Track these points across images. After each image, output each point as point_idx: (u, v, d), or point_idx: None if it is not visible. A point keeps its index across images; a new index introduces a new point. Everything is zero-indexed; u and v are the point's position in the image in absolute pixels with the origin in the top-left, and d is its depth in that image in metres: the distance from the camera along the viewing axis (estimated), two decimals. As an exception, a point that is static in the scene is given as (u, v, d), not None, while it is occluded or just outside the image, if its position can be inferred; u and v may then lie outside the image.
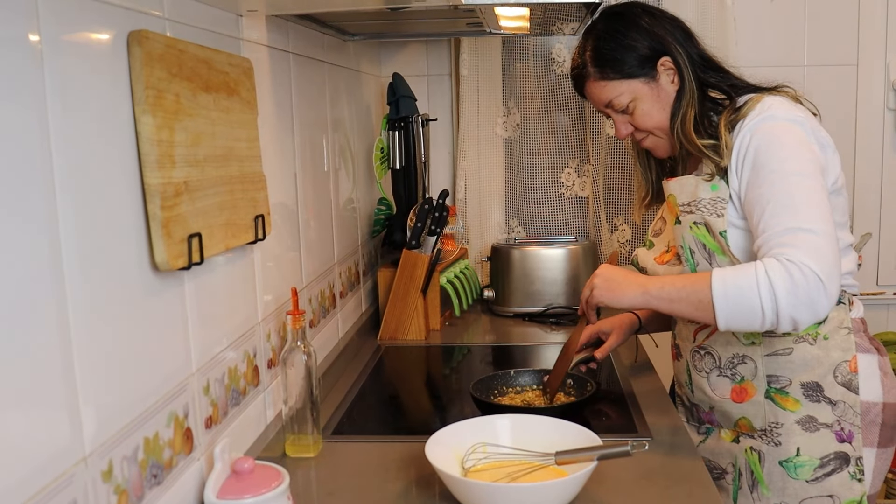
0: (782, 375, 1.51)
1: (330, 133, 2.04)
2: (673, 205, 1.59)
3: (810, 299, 1.33)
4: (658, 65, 1.56)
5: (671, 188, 1.60)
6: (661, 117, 1.58)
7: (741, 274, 1.38)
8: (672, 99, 1.57)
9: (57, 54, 0.89)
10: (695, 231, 1.53)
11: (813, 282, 1.33)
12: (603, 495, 1.26)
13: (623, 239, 2.81)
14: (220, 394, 1.31)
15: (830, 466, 1.49)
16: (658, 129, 1.59)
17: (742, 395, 1.55)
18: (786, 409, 1.51)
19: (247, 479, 1.15)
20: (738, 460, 1.58)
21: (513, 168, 2.82)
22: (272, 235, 1.51)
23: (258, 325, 1.50)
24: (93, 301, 0.95)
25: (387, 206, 2.48)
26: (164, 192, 1.07)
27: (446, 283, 2.36)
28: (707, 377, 1.60)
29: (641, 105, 1.57)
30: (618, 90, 1.57)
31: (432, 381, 2.07)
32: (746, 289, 1.36)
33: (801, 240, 1.36)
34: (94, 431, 0.94)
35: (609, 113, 1.63)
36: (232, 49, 1.40)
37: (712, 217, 1.50)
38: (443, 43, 2.76)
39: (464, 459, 1.31)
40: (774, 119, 1.47)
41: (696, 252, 1.53)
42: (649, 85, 1.57)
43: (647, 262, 1.70)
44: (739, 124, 1.49)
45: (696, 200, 1.53)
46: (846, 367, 1.50)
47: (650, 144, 1.64)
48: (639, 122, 1.59)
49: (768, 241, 1.39)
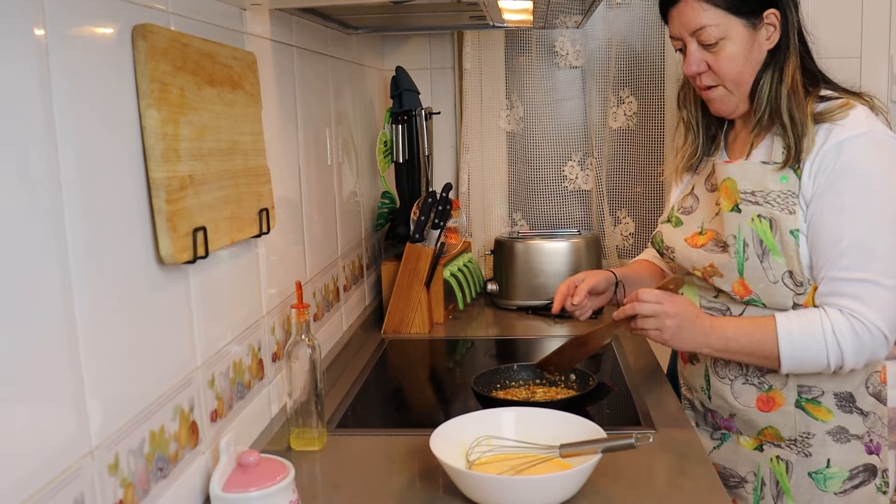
0: (815, 386, 1.47)
1: (333, 127, 2.04)
2: (732, 190, 1.47)
3: (874, 354, 1.38)
4: (763, 15, 1.44)
5: (731, 172, 1.47)
6: (745, 69, 1.46)
7: (808, 332, 1.37)
8: (762, 57, 1.46)
9: (62, 48, 0.89)
10: (756, 224, 1.43)
11: (879, 340, 1.35)
12: (607, 488, 1.26)
13: (626, 232, 2.80)
14: (225, 387, 1.32)
15: (859, 479, 1.47)
16: (734, 80, 1.47)
17: (769, 405, 1.50)
18: (818, 420, 1.47)
19: (252, 473, 1.15)
20: (762, 469, 1.53)
21: (516, 161, 2.82)
22: (276, 229, 1.52)
23: (263, 319, 1.50)
24: (98, 295, 0.95)
25: (390, 200, 2.47)
26: (169, 185, 1.07)
27: (450, 276, 2.36)
28: (730, 385, 1.54)
29: (731, 47, 1.44)
30: (716, 19, 1.43)
31: (436, 375, 2.08)
32: (813, 346, 1.38)
33: (873, 296, 1.34)
34: (100, 425, 0.95)
35: (687, 42, 1.48)
36: (236, 43, 1.40)
37: (783, 213, 1.41)
38: (446, 36, 2.76)
39: (468, 452, 1.31)
40: (871, 139, 1.37)
41: (751, 246, 1.44)
42: (748, 30, 1.44)
43: (676, 243, 1.59)
44: (828, 127, 1.39)
45: (765, 192, 1.43)
46: (877, 377, 1.48)
47: (716, 96, 1.50)
48: (719, 65, 1.46)
49: (837, 285, 1.37)
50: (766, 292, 1.44)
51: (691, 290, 1.59)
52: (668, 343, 1.48)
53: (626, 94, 2.74)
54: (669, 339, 1.47)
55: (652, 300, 1.46)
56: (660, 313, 1.45)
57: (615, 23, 2.68)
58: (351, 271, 2.19)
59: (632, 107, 2.74)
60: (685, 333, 1.45)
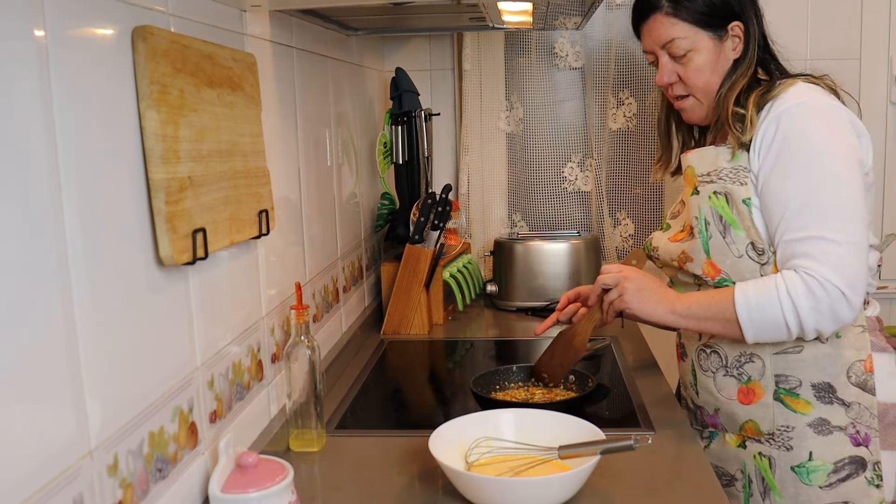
0: (792, 375, 1.47)
1: (333, 128, 2.04)
2: (691, 176, 1.54)
3: (833, 312, 1.36)
4: (728, 27, 1.51)
5: (690, 160, 1.55)
6: (712, 79, 1.53)
7: (763, 291, 1.39)
8: (727, 66, 1.53)
9: (62, 49, 0.89)
10: (713, 201, 1.48)
11: (835, 296, 1.34)
12: (606, 489, 1.26)
13: (626, 234, 2.81)
14: (224, 388, 1.32)
15: (845, 471, 1.46)
16: (702, 90, 1.54)
17: (749, 397, 1.51)
18: (797, 412, 1.47)
19: (251, 474, 1.15)
20: (747, 466, 1.54)
21: (516, 162, 2.82)
22: (276, 230, 1.52)
23: (262, 320, 1.50)
24: (98, 296, 0.95)
25: (390, 201, 2.48)
26: (169, 187, 1.07)
27: (449, 277, 2.36)
28: (713, 377, 1.56)
29: (698, 58, 1.51)
30: (684, 32, 1.51)
31: (435, 376, 2.08)
32: (769, 307, 1.38)
33: (824, 252, 1.35)
34: (99, 426, 0.95)
35: (658, 55, 1.55)
36: (236, 44, 1.40)
37: (735, 185, 1.46)
38: (445, 38, 2.76)
39: (467, 454, 1.31)
40: (809, 106, 1.42)
41: (712, 224, 1.48)
42: (714, 42, 1.51)
43: (661, 242, 1.65)
44: (769, 105, 1.45)
45: (717, 170, 1.49)
46: (860, 366, 1.46)
47: (687, 106, 1.58)
48: (688, 76, 1.53)
49: (791, 247, 1.38)
50: (733, 268, 1.47)
51: (678, 290, 1.60)
52: (632, 308, 1.51)
53: (625, 95, 2.74)
54: (631, 302, 1.51)
55: (613, 270, 1.57)
56: (619, 279, 1.54)
57: (615, 24, 2.69)
58: (350, 272, 2.19)
59: (631, 108, 2.74)
60: (647, 296, 1.51)
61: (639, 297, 1.51)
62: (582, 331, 1.67)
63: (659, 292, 1.51)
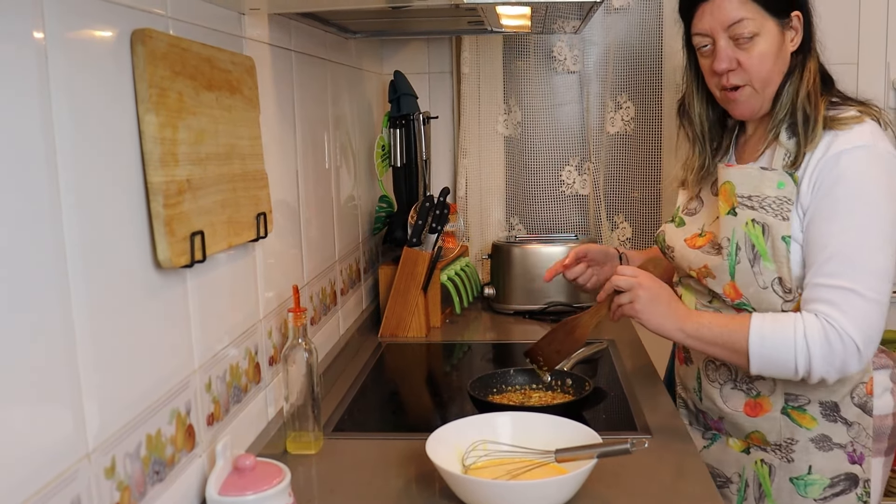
0: (802, 395, 1.48)
1: (331, 131, 2.04)
2: (730, 194, 1.47)
3: (843, 364, 1.35)
4: (790, 16, 1.45)
5: (731, 175, 1.48)
6: (773, 69, 1.45)
7: (780, 330, 1.36)
8: (787, 58, 1.46)
9: (61, 52, 0.89)
10: (749, 229, 1.44)
11: (851, 349, 1.33)
12: (603, 493, 1.26)
13: (623, 237, 2.81)
14: (221, 391, 1.32)
15: (840, 487, 1.48)
16: (763, 80, 1.45)
17: (757, 410, 1.51)
18: (802, 427, 1.48)
19: (248, 476, 1.15)
20: (746, 471, 1.54)
21: (514, 166, 2.82)
22: (274, 233, 1.52)
23: (260, 323, 1.50)
24: (96, 299, 0.95)
25: (388, 204, 2.48)
26: (167, 190, 1.08)
27: (447, 280, 2.36)
28: (720, 389, 1.56)
29: (763, 44, 1.43)
30: (753, 14, 1.41)
31: (433, 379, 2.08)
32: (783, 349, 1.36)
33: (851, 305, 1.33)
34: (97, 428, 0.95)
35: (717, 38, 1.44)
36: (234, 47, 1.40)
37: (776, 219, 1.41)
38: (444, 41, 2.77)
39: (464, 457, 1.32)
40: (872, 153, 1.37)
41: (743, 250, 1.44)
42: (779, 29, 1.44)
43: (676, 242, 1.60)
44: (832, 133, 1.40)
45: (761, 196, 1.43)
46: (863, 388, 1.48)
47: (742, 96, 1.47)
48: (751, 63, 1.43)
49: (818, 291, 1.36)
50: (755, 297, 1.45)
51: (688, 294, 1.60)
52: (641, 318, 1.46)
53: (623, 99, 2.74)
54: (642, 312, 1.46)
55: (628, 274, 1.49)
56: (634, 285, 1.46)
57: (613, 28, 2.69)
58: (348, 275, 2.20)
59: (629, 112, 2.75)
60: (659, 309, 1.45)
61: (649, 309, 1.46)
62: (585, 324, 1.65)
63: (671, 307, 1.46)
